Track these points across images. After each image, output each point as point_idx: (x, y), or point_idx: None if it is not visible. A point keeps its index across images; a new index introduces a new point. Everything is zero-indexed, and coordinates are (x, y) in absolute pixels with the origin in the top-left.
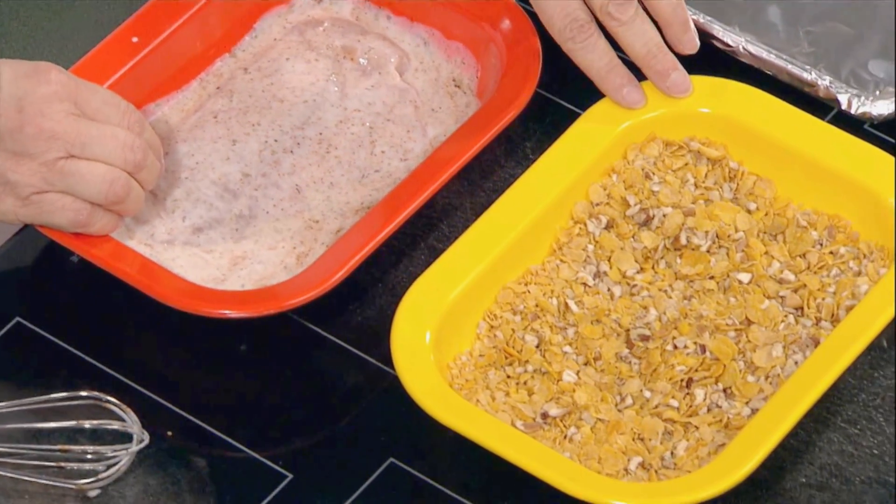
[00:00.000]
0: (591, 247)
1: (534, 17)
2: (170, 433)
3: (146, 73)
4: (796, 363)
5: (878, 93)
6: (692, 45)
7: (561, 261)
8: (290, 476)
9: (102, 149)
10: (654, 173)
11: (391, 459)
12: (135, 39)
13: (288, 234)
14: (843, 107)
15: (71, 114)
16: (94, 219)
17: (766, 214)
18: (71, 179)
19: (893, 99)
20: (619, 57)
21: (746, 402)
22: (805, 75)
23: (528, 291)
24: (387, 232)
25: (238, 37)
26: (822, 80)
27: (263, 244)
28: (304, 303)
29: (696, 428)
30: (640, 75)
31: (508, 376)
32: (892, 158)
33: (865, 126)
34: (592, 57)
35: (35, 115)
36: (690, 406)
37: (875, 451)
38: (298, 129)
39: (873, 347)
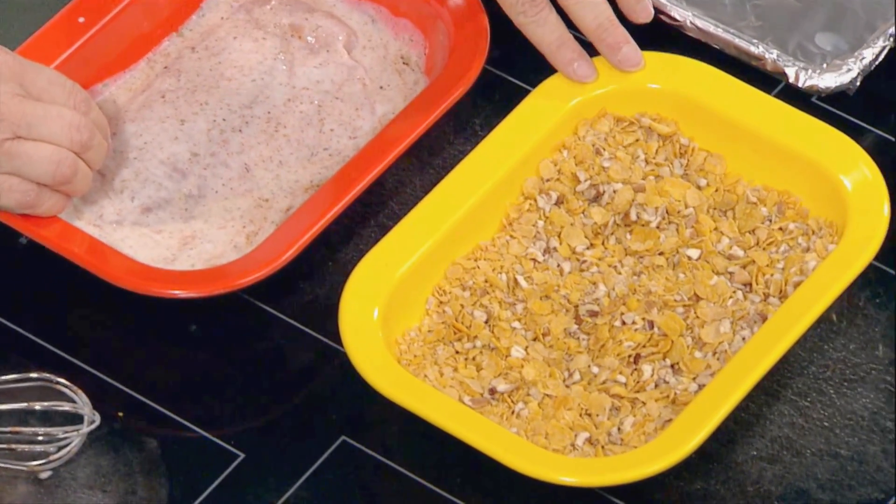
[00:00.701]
0: (540, 223)
1: None
2: (120, 414)
3: (93, 54)
4: (744, 339)
5: (825, 66)
6: (646, 13)
7: (511, 236)
8: (242, 455)
9: (49, 129)
10: (604, 149)
11: (343, 437)
12: (81, 20)
13: (237, 214)
14: (791, 80)
15: (16, 94)
16: (42, 200)
17: (716, 190)
18: (18, 161)
19: (840, 72)
20: (573, 34)
21: (693, 378)
22: (752, 49)
23: (478, 267)
24: (336, 210)
25: (185, 16)
26: (769, 54)
27: (213, 224)
28: (254, 282)
29: (644, 404)
30: (592, 52)
31: (457, 352)
32: (841, 134)
33: (813, 99)
34: (543, 31)
35: None
36: (638, 382)
37: (825, 424)
38: (247, 108)
39: (823, 320)
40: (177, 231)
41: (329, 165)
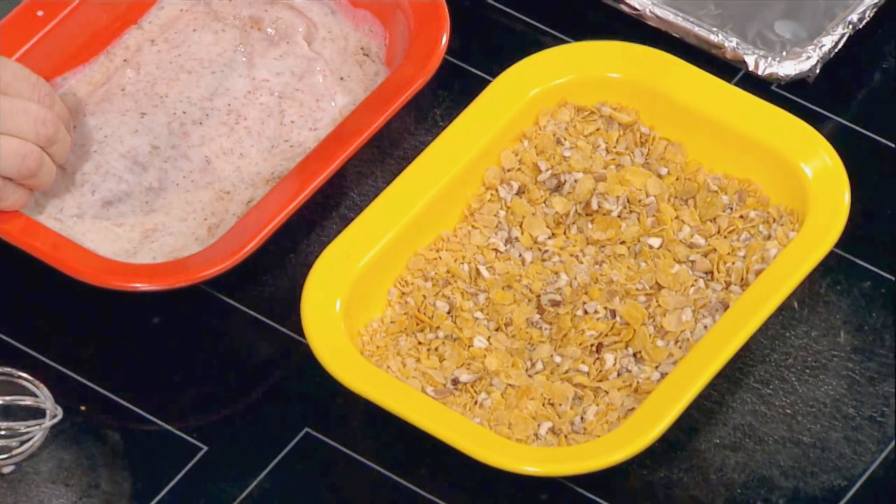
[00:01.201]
0: (502, 212)
1: None
2: (83, 408)
3: (52, 47)
4: (706, 327)
5: (784, 53)
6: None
7: (472, 227)
8: (205, 448)
9: (14, 123)
10: (565, 139)
11: (306, 429)
12: (40, 13)
13: (199, 206)
14: (751, 68)
15: None
16: (6, 194)
17: (677, 179)
18: None
19: (800, 59)
20: None
21: (656, 367)
22: (712, 37)
23: (440, 258)
24: (297, 202)
25: (144, 8)
26: (729, 42)
27: (174, 216)
28: (215, 274)
29: (606, 393)
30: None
31: (419, 342)
32: (801, 121)
33: (773, 87)
34: None
35: None
36: (600, 371)
37: (788, 411)
38: (207, 100)
39: (784, 308)
40: (138, 224)
41: (290, 157)
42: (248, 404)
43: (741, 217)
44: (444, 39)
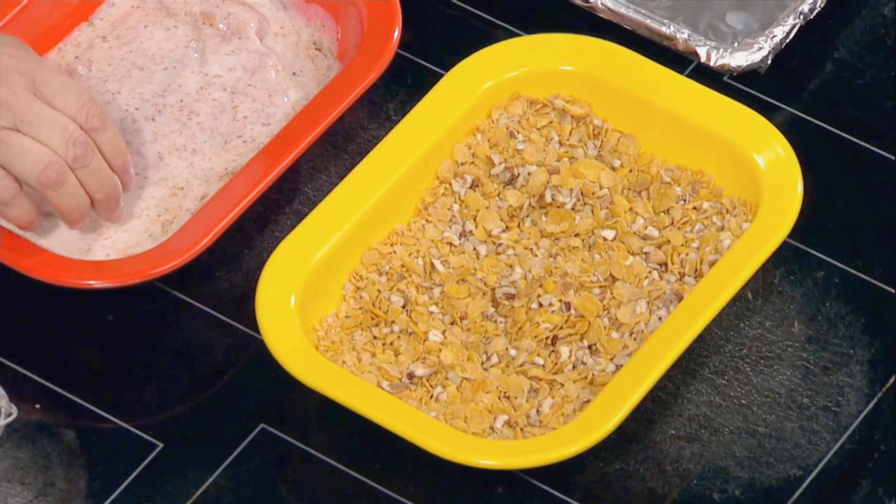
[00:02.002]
0: (456, 206)
1: None
2: (38, 406)
3: None
4: (660, 319)
5: (736, 44)
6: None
7: (426, 221)
8: (161, 445)
9: (48, 133)
10: (518, 132)
11: (262, 425)
12: None
13: (152, 202)
14: (703, 59)
15: (27, 89)
16: (17, 202)
17: (631, 171)
18: (9, 152)
19: (751, 50)
20: None
21: (611, 359)
22: (664, 29)
23: (394, 252)
24: (251, 197)
25: (95, 5)
26: (680, 34)
27: (127, 213)
28: (169, 271)
29: (562, 385)
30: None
31: (375, 337)
32: (753, 112)
33: (725, 78)
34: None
35: None
36: (556, 364)
37: (743, 401)
38: (159, 96)
39: (739, 298)
40: (91, 221)
41: (243, 153)
42: (204, 401)
43: (694, 208)
44: (397, 34)
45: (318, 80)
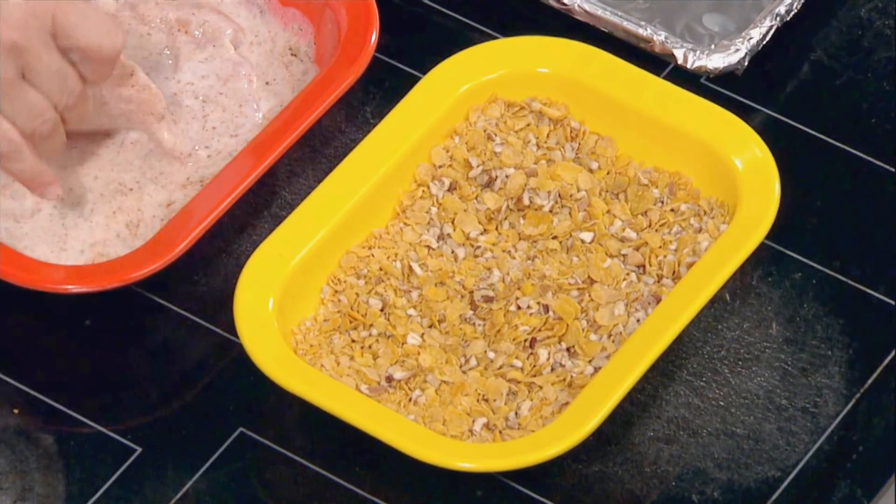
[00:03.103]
0: (434, 209)
1: None
2: (16, 410)
3: None
4: (638, 321)
5: (713, 46)
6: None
7: (404, 224)
8: (140, 449)
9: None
10: (495, 134)
11: (241, 429)
12: None
13: (116, 206)
14: (680, 62)
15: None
16: (21, 156)
17: (608, 173)
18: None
19: (728, 52)
20: None
21: (589, 361)
22: (641, 31)
23: (372, 255)
24: (229, 201)
25: None
26: (657, 36)
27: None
28: (148, 275)
29: (540, 388)
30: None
31: (353, 340)
32: (730, 114)
33: (702, 80)
34: None
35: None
36: (534, 366)
37: (721, 403)
38: None
39: (717, 300)
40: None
41: (206, 165)
42: (182, 405)
43: (672, 210)
44: (374, 37)
45: (293, 86)
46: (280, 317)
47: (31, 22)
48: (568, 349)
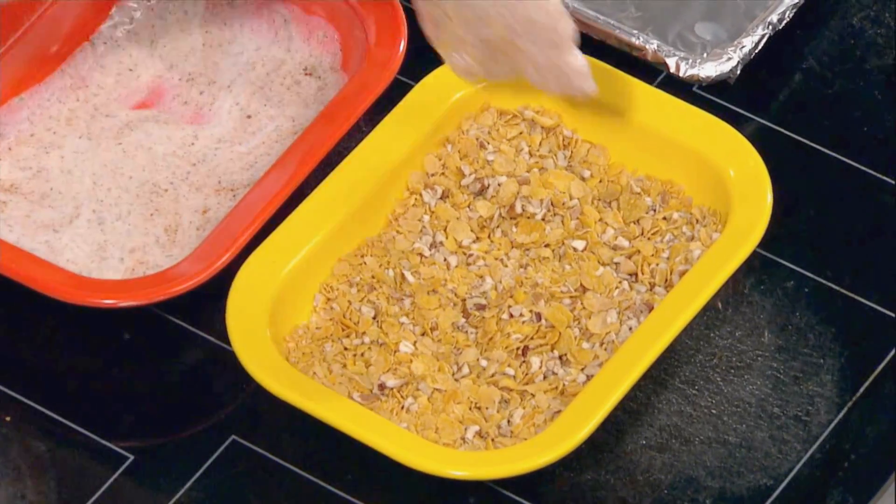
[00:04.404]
0: (426, 217)
1: None
2: (8, 418)
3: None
4: (631, 329)
5: (705, 55)
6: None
7: (397, 232)
8: (132, 458)
9: None
10: (488, 143)
11: (233, 437)
12: None
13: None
14: (672, 70)
15: None
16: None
17: (601, 181)
18: None
19: (720, 61)
20: None
21: (582, 369)
22: (633, 40)
23: (365, 263)
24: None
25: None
26: (649, 45)
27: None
28: (186, 290)
29: (533, 395)
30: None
31: (346, 348)
32: (723, 123)
33: (694, 88)
34: None
35: None
36: (527, 374)
37: (713, 411)
38: None
39: (709, 308)
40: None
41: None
42: (175, 413)
43: (665, 219)
44: (403, 44)
45: (307, 104)
46: (272, 325)
47: None
48: (560, 357)
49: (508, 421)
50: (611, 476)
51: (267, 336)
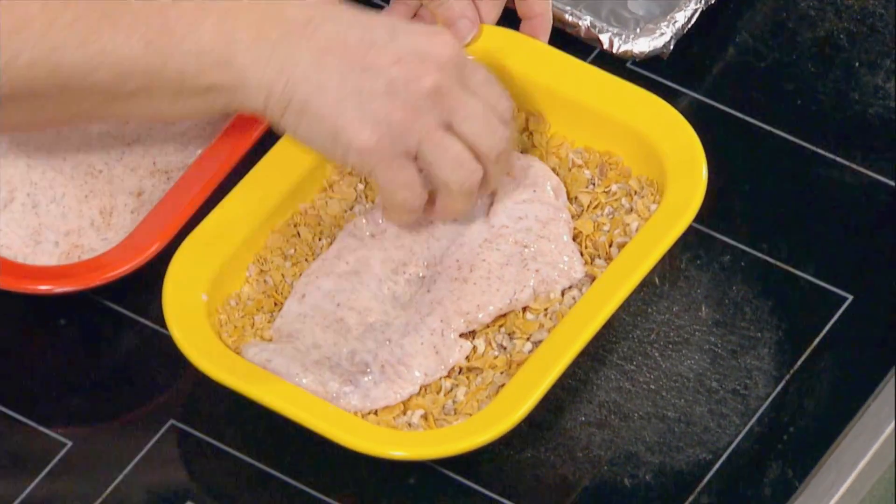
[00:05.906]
0: (360, 186)
1: None
2: None
3: None
4: (574, 299)
5: (638, 31)
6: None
7: (330, 197)
8: (69, 444)
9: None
10: None
11: (171, 421)
12: None
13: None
14: (605, 46)
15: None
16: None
17: (541, 154)
18: (436, 153)
19: (654, 36)
20: None
21: (528, 338)
22: (566, 16)
23: (298, 234)
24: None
25: None
26: (582, 21)
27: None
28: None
29: (481, 370)
30: None
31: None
32: (657, 98)
33: (628, 64)
34: None
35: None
36: (474, 356)
37: (652, 387)
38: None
39: (646, 283)
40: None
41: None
42: (112, 398)
43: (605, 192)
44: None
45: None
46: (210, 307)
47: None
48: (509, 335)
49: (453, 400)
50: (550, 453)
51: (204, 319)
